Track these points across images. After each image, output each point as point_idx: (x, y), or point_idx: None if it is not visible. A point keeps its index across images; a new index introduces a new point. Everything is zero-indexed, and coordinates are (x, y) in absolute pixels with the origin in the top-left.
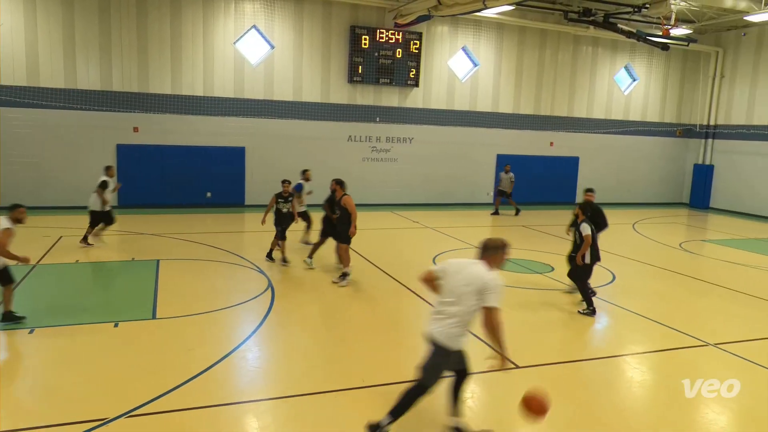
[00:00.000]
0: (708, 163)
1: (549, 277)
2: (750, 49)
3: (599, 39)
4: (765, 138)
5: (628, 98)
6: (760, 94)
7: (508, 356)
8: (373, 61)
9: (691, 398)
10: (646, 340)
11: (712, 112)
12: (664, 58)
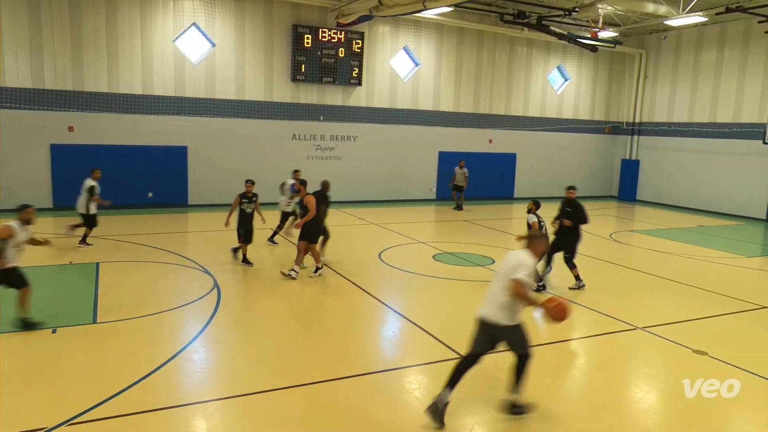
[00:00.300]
0: (634, 158)
1: (490, 269)
2: (670, 51)
3: (533, 40)
4: (684, 134)
5: (561, 97)
6: (679, 94)
7: (538, 305)
8: (315, 60)
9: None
10: (581, 326)
11: (637, 110)
12: (592, 60)
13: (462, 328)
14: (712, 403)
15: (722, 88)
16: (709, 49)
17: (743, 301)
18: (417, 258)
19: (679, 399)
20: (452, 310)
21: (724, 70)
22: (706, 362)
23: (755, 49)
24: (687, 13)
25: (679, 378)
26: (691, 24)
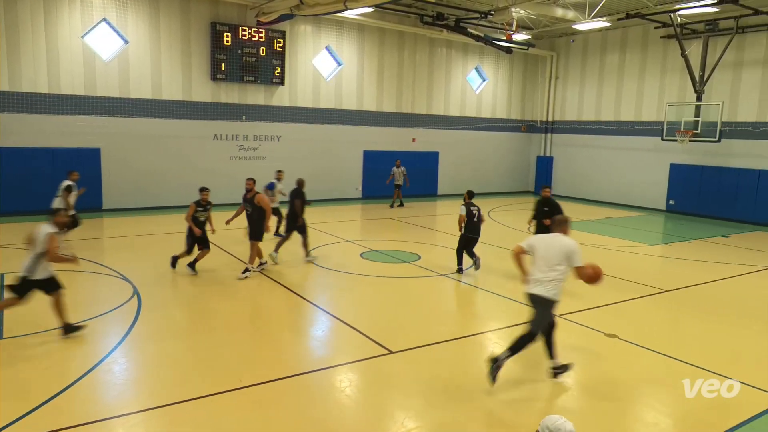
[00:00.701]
0: (548, 155)
1: (416, 265)
2: (578, 54)
3: (452, 42)
4: (592, 132)
5: (480, 97)
6: (587, 94)
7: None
8: (236, 59)
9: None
10: (504, 317)
11: (550, 109)
12: (508, 61)
13: (390, 323)
14: (621, 381)
15: (625, 89)
16: (612, 52)
17: (647, 285)
18: (344, 257)
19: (593, 380)
20: (380, 307)
21: (626, 72)
22: (616, 344)
23: (653, 53)
24: (592, 18)
25: (594, 361)
26: (596, 28)
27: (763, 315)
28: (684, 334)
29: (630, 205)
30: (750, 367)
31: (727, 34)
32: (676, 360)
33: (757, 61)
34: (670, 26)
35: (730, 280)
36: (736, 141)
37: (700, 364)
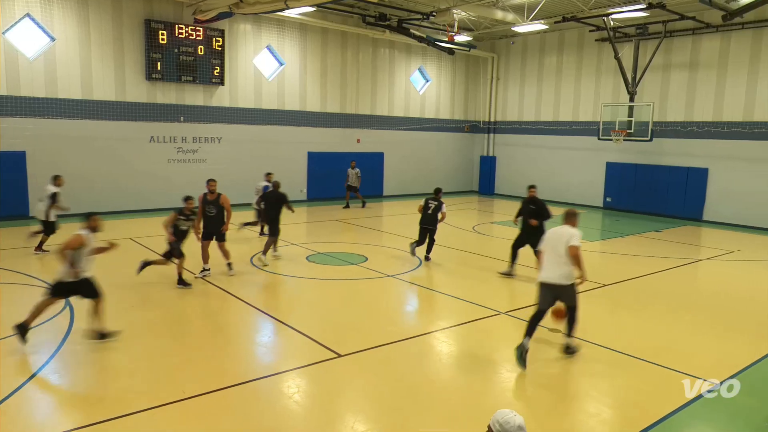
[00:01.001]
0: (491, 155)
1: (363, 266)
2: (518, 56)
3: (395, 42)
4: (532, 132)
5: (423, 97)
6: (527, 94)
7: (586, 278)
8: (173, 58)
9: (496, 364)
10: (450, 315)
11: (492, 109)
12: (450, 62)
13: (338, 326)
14: (564, 374)
15: (563, 90)
16: (550, 54)
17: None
18: (290, 260)
19: (537, 375)
20: (327, 310)
21: (564, 74)
22: (559, 338)
23: (588, 55)
24: (531, 20)
25: (538, 356)
26: (534, 31)
27: (693, 305)
28: (622, 327)
29: (569, 203)
30: (682, 356)
31: (656, 37)
32: (615, 351)
33: (683, 63)
34: (604, 30)
35: (664, 273)
36: (667, 140)
37: (638, 355)
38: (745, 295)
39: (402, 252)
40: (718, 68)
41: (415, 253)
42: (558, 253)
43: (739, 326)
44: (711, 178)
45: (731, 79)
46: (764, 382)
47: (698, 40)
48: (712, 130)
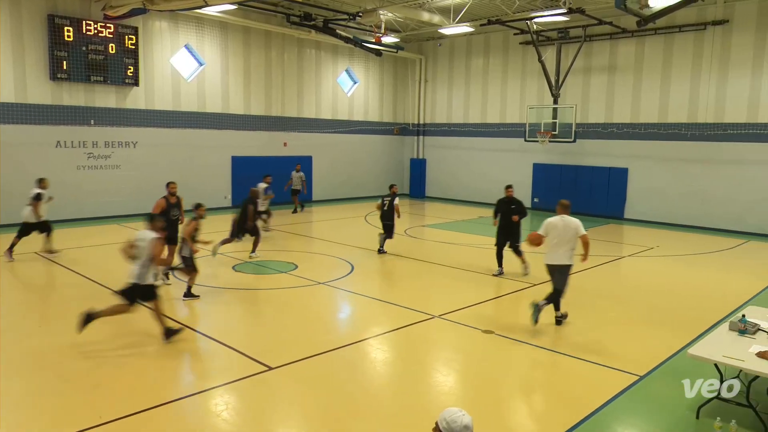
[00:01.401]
0: (421, 157)
1: (293, 274)
2: (445, 58)
3: (321, 43)
4: (461, 134)
5: (351, 99)
6: (455, 96)
7: (587, 258)
8: (80, 57)
9: (431, 368)
10: (384, 321)
11: (421, 112)
12: (378, 63)
13: (268, 338)
14: (499, 374)
15: (489, 92)
16: (477, 57)
17: (517, 281)
18: (216, 270)
19: (472, 376)
20: (256, 321)
21: (490, 76)
22: (493, 339)
23: (513, 58)
24: (457, 23)
25: (472, 358)
26: (461, 33)
27: (617, 301)
28: (553, 325)
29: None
30: (610, 351)
31: (576, 41)
32: (546, 349)
33: (603, 67)
34: (528, 33)
35: (589, 270)
36: (589, 141)
37: (569, 352)
38: (665, 289)
39: (334, 258)
40: (635, 72)
41: (383, 246)
42: (566, 239)
43: (660, 319)
44: (631, 178)
45: (647, 83)
46: (685, 373)
47: (616, 45)
48: (631, 131)
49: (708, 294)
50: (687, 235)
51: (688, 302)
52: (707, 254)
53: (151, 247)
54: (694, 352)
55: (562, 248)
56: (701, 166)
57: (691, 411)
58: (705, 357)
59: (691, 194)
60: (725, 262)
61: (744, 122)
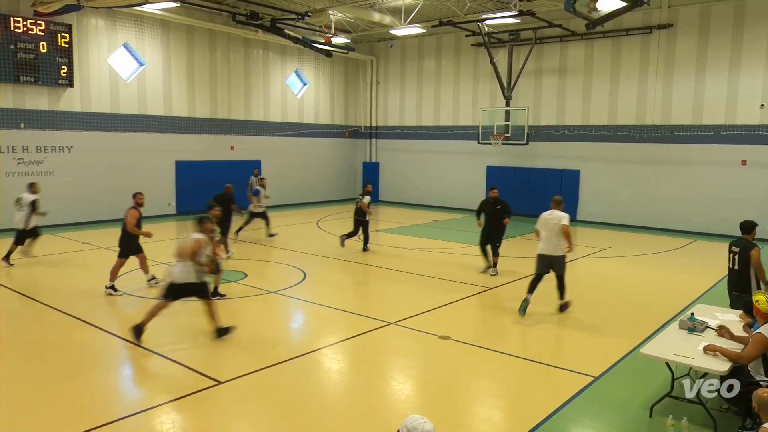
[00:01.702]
0: (374, 161)
1: (243, 284)
2: (397, 59)
3: (269, 43)
4: (414, 137)
5: (301, 101)
6: (408, 98)
7: (572, 249)
8: (8, 55)
9: (388, 376)
10: (338, 329)
11: (373, 114)
12: (329, 64)
13: (216, 351)
14: (456, 381)
15: (442, 94)
16: (429, 58)
17: (473, 285)
18: (159, 282)
19: (429, 383)
20: (203, 334)
21: (443, 78)
22: (450, 345)
23: (465, 60)
24: (408, 24)
25: (429, 364)
26: (412, 34)
27: (574, 302)
28: (508, 328)
29: (454, 208)
30: (565, 352)
31: (527, 44)
32: (502, 353)
33: (553, 69)
34: (479, 35)
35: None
36: (541, 143)
37: (524, 355)
38: (617, 290)
39: (285, 266)
40: (585, 74)
41: (344, 244)
42: (555, 232)
43: (614, 320)
44: (583, 179)
45: (596, 85)
46: (638, 373)
47: (566, 47)
48: (582, 133)
49: (659, 293)
50: (638, 236)
51: (640, 302)
52: (657, 254)
53: (192, 248)
54: (647, 352)
55: (553, 240)
56: (650, 167)
57: (644, 410)
58: (656, 356)
59: (641, 195)
60: (674, 261)
61: (689, 124)
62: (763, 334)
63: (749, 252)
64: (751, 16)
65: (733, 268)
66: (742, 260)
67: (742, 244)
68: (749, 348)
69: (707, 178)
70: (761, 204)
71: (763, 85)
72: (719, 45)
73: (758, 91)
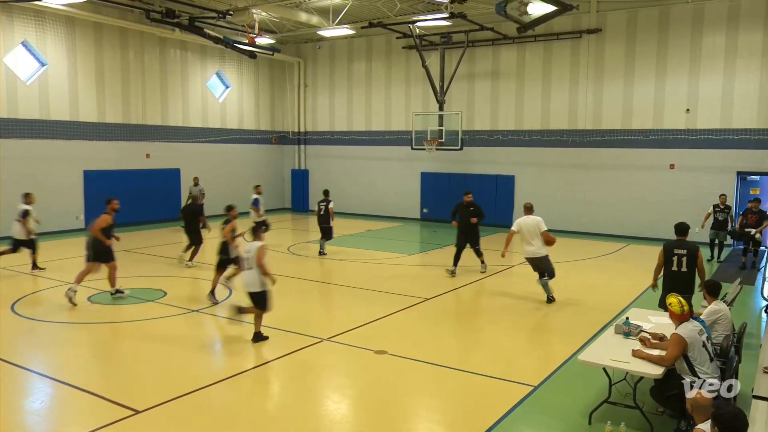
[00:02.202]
0: (303, 168)
1: (162, 303)
2: (326, 61)
3: (187, 43)
4: (345, 143)
5: (224, 106)
6: (338, 103)
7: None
8: None
9: (322, 395)
10: (268, 348)
11: (301, 119)
12: (253, 66)
13: (133, 378)
14: (393, 397)
15: (374, 98)
16: (359, 61)
17: (410, 296)
18: (67, 303)
19: (367, 400)
20: (118, 360)
21: (374, 81)
22: (387, 360)
23: (397, 63)
24: (337, 24)
25: (366, 380)
26: (341, 35)
27: (511, 311)
28: (446, 340)
29: (388, 216)
30: (504, 363)
31: (460, 47)
32: (441, 367)
33: (486, 73)
34: (411, 37)
35: (481, 281)
36: (476, 148)
37: (463, 367)
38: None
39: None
40: (517, 78)
41: (323, 248)
42: (534, 235)
43: (552, 327)
44: (518, 185)
45: (529, 90)
46: (576, 379)
47: (498, 51)
48: (516, 138)
49: (594, 298)
50: (573, 241)
51: (576, 308)
52: (592, 259)
53: (259, 255)
54: (584, 358)
55: (534, 243)
56: (583, 172)
57: (583, 417)
58: (594, 362)
59: (575, 200)
60: (609, 266)
61: (619, 128)
62: (679, 333)
63: (697, 253)
64: (675, 21)
65: (679, 271)
66: (690, 262)
67: (689, 247)
68: (669, 350)
69: (637, 182)
70: (689, 207)
71: (688, 89)
72: (646, 50)
73: (683, 96)
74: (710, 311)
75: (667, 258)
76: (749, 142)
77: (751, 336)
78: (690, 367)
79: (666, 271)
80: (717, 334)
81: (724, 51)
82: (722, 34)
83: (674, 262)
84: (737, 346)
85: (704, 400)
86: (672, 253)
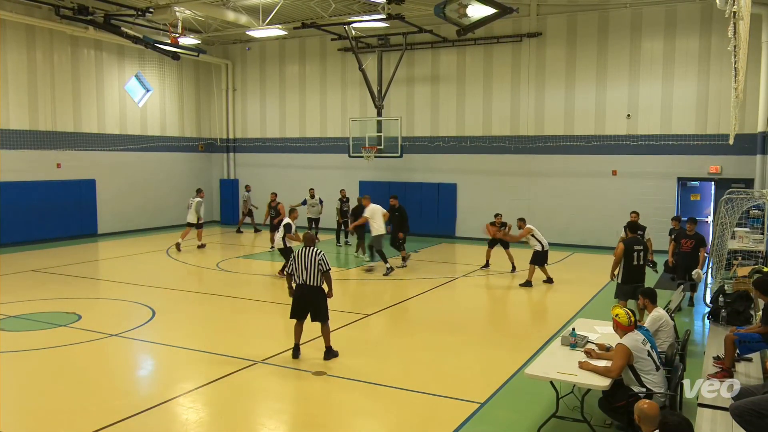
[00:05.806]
0: (233, 178)
1: (75, 327)
2: (256, 63)
3: (103, 42)
4: (278, 150)
5: (144, 111)
6: (269, 108)
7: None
8: None
9: (257, 422)
10: (196, 373)
11: (230, 125)
12: (176, 68)
13: (44, 412)
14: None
15: (308, 103)
16: (292, 63)
17: (348, 312)
18: None
19: (306, 427)
20: (26, 392)
21: (308, 85)
22: (326, 381)
23: (332, 66)
24: (267, 25)
25: (304, 405)
26: (272, 36)
27: (454, 325)
28: (388, 358)
29: (323, 228)
30: (449, 380)
31: (398, 49)
32: (383, 386)
33: (425, 77)
34: (346, 39)
35: (424, 294)
36: (416, 156)
37: (406, 386)
38: (499, 308)
39: (129, 303)
40: (458, 83)
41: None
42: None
43: (497, 341)
44: (460, 193)
45: (470, 95)
46: (523, 394)
47: (437, 54)
48: (457, 145)
49: (540, 310)
50: (517, 251)
51: (522, 320)
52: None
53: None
54: (531, 372)
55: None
56: (526, 179)
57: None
58: (541, 375)
59: (518, 208)
60: (553, 276)
61: (562, 135)
62: (623, 344)
63: (648, 246)
64: (615, 26)
65: (638, 264)
66: (644, 255)
67: (643, 243)
68: (614, 361)
69: (580, 189)
70: None
71: (628, 94)
72: (586, 54)
73: (624, 101)
74: (653, 319)
75: (628, 254)
76: (689, 148)
77: (694, 343)
78: (636, 377)
79: (626, 265)
80: (660, 342)
81: (663, 56)
82: (660, 39)
83: (635, 257)
84: (682, 354)
85: (651, 411)
86: (632, 250)
